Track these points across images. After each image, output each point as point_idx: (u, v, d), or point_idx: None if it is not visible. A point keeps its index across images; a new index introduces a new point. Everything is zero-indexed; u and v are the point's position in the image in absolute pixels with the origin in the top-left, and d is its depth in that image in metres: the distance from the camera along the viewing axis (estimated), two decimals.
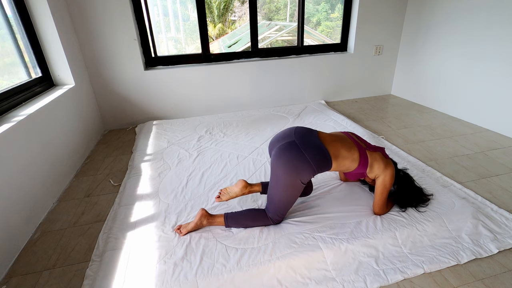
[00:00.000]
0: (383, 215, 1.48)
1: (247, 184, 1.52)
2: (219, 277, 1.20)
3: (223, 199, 1.52)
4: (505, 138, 2.42)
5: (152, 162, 2.16)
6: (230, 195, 1.51)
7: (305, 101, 3.43)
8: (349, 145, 1.36)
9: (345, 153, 1.33)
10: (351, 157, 1.34)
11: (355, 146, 1.37)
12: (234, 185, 1.53)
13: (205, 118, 3.00)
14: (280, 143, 1.34)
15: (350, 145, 1.36)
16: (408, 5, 3.25)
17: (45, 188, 1.79)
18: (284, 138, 1.36)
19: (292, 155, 1.28)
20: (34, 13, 2.12)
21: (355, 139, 1.42)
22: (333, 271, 1.26)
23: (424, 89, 3.22)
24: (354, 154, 1.34)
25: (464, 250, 1.33)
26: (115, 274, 1.25)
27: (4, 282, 1.31)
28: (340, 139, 1.38)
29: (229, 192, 1.52)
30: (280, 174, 1.30)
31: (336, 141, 1.36)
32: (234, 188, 1.51)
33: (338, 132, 1.48)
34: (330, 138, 1.37)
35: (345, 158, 1.33)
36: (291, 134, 1.36)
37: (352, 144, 1.37)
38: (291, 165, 1.27)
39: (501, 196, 1.72)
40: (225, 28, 8.63)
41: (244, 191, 1.51)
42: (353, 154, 1.34)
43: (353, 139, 1.41)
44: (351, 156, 1.34)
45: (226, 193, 1.53)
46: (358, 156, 1.34)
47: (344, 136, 1.42)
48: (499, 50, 2.43)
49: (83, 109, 2.51)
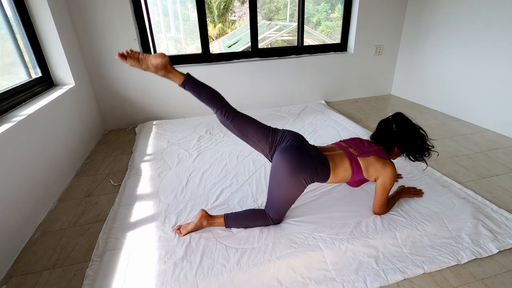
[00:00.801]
0: (383, 215, 1.49)
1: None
2: (219, 277, 1.20)
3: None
4: (505, 138, 2.42)
5: (152, 162, 2.16)
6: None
7: (305, 101, 3.43)
8: (340, 155, 1.40)
9: (339, 162, 1.37)
10: (343, 166, 1.37)
11: (345, 155, 1.40)
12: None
13: (205, 118, 3.00)
14: (287, 143, 1.36)
15: (341, 155, 1.40)
16: (408, 5, 3.25)
17: (45, 188, 1.79)
18: (291, 140, 1.39)
19: (298, 153, 1.32)
20: (34, 13, 2.12)
21: (345, 148, 1.45)
22: (333, 271, 1.26)
23: (424, 89, 3.22)
24: (346, 163, 1.37)
25: (464, 250, 1.33)
26: (115, 274, 1.25)
27: (4, 282, 1.31)
28: (331, 150, 1.45)
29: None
30: (283, 173, 1.31)
31: (329, 151, 1.43)
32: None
33: (329, 145, 1.54)
34: (325, 150, 1.45)
35: (339, 167, 1.36)
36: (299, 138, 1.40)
37: (343, 153, 1.41)
38: (296, 163, 1.29)
39: (501, 196, 1.72)
40: (225, 28, 8.63)
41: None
42: (345, 163, 1.37)
43: (343, 148, 1.45)
44: (343, 165, 1.37)
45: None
46: (349, 164, 1.37)
47: (335, 147, 1.48)
48: (499, 50, 2.43)
49: (83, 109, 2.51)
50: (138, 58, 1.30)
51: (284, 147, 1.35)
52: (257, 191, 1.76)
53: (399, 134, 1.41)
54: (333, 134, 2.52)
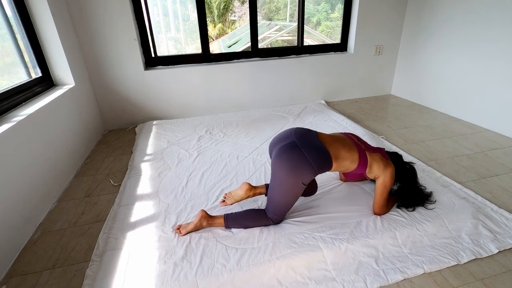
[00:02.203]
0: (383, 215, 1.48)
1: (251, 186, 1.53)
2: (219, 277, 1.20)
3: (228, 203, 1.54)
4: (505, 138, 2.42)
5: (152, 162, 2.16)
6: (235, 198, 1.53)
7: (305, 101, 3.43)
8: (348, 146, 1.36)
9: (345, 153, 1.33)
10: (350, 157, 1.34)
11: (355, 147, 1.37)
12: (238, 188, 1.55)
13: (205, 118, 3.00)
14: (281, 144, 1.34)
15: (350, 146, 1.37)
16: (408, 5, 3.25)
17: (45, 188, 1.79)
18: (284, 139, 1.37)
19: (293, 156, 1.28)
20: (34, 13, 2.12)
21: (354, 140, 1.43)
22: (333, 271, 1.26)
23: (424, 89, 3.22)
24: (354, 155, 1.35)
25: (464, 250, 1.33)
26: (115, 274, 1.25)
27: (4, 282, 1.31)
28: (339, 139, 1.39)
29: (234, 195, 1.53)
30: (281, 175, 1.30)
31: (336, 141, 1.36)
32: (239, 191, 1.53)
33: (338, 133, 1.49)
34: (329, 138, 1.38)
35: (344, 158, 1.33)
36: (291, 135, 1.36)
37: (352, 144, 1.38)
38: (292, 166, 1.27)
39: (501, 196, 1.72)
40: (225, 28, 8.63)
41: (248, 193, 1.52)
42: (353, 155, 1.34)
43: (352, 140, 1.42)
44: (350, 157, 1.34)
45: (231, 197, 1.54)
46: (357, 157, 1.35)
47: (344, 137, 1.43)
48: (499, 50, 2.43)
49: (83, 109, 2.51)
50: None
51: (277, 149, 1.34)
52: None
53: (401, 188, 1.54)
54: None
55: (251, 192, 1.52)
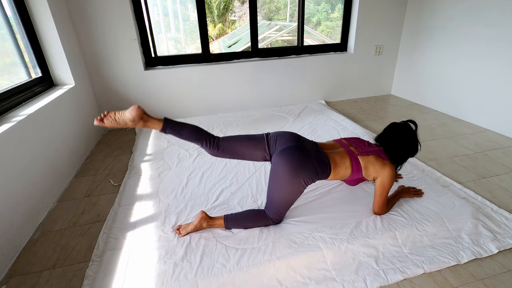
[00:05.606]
0: (383, 215, 1.49)
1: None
2: (219, 277, 1.20)
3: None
4: (505, 138, 2.42)
5: (152, 162, 2.16)
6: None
7: (305, 101, 3.43)
8: (340, 153, 1.40)
9: (339, 160, 1.37)
10: (344, 164, 1.37)
11: (346, 153, 1.40)
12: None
13: (205, 118, 3.00)
14: (288, 145, 1.36)
15: (342, 153, 1.40)
16: (408, 5, 3.25)
17: (45, 188, 1.79)
18: (291, 141, 1.38)
19: (297, 154, 1.31)
20: (34, 13, 2.12)
21: (346, 146, 1.45)
22: (333, 271, 1.26)
23: (424, 89, 3.22)
24: (346, 162, 1.38)
25: (464, 250, 1.33)
26: (115, 274, 1.25)
27: (4, 282, 1.31)
28: (333, 147, 1.45)
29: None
30: (283, 173, 1.30)
31: (330, 149, 1.42)
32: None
33: (330, 141, 1.52)
34: (326, 147, 1.44)
35: (339, 165, 1.37)
36: (298, 138, 1.40)
37: (343, 151, 1.41)
38: (295, 165, 1.29)
39: (501, 196, 1.72)
40: (225, 28, 8.64)
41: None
42: (345, 162, 1.37)
43: (344, 146, 1.45)
44: (344, 164, 1.37)
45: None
46: (349, 163, 1.37)
47: (336, 144, 1.48)
48: (499, 50, 2.43)
49: (83, 109, 2.51)
50: (115, 118, 1.29)
51: (283, 148, 1.35)
52: (257, 191, 1.76)
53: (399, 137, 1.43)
54: (333, 134, 2.51)
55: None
